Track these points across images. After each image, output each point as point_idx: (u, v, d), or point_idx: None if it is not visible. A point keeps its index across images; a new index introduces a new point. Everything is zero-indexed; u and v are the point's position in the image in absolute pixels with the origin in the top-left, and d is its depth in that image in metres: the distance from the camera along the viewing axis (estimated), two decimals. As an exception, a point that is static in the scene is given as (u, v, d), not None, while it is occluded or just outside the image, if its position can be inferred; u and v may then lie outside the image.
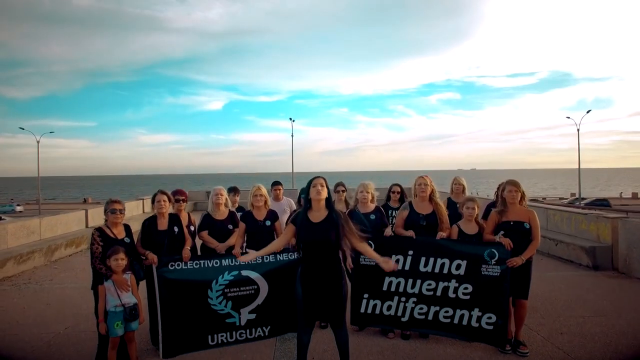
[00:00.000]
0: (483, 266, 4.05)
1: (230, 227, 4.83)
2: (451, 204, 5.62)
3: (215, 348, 4.14)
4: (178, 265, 4.11)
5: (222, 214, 4.88)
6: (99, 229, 3.83)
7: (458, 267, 4.16)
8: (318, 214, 3.38)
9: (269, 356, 4.04)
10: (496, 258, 4.01)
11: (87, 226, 10.58)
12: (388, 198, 5.89)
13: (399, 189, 5.80)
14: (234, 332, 4.25)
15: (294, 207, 6.20)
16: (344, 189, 5.83)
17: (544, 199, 67.28)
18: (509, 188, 4.13)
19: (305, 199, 3.52)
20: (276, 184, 6.17)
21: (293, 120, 44.55)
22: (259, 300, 4.31)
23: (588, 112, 43.54)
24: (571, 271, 7.17)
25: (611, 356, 3.95)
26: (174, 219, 4.34)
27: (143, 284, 4.06)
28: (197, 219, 5.07)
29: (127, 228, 4.01)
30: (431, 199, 4.55)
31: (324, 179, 3.49)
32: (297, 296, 3.38)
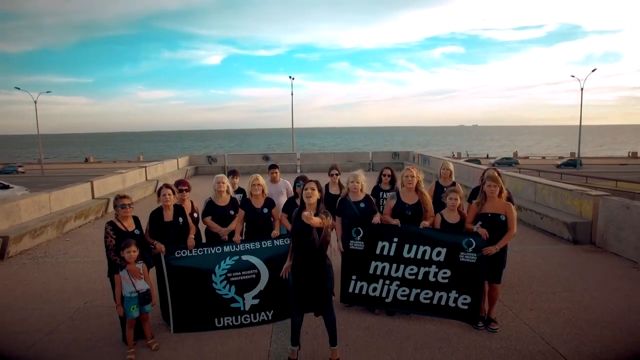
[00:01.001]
0: (461, 253, 4.46)
1: (232, 212, 5.19)
2: (438, 188, 5.97)
3: (221, 330, 4.62)
4: (184, 253, 4.52)
5: (224, 200, 5.23)
6: (111, 223, 4.19)
7: (438, 254, 4.57)
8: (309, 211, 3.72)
9: (267, 330, 4.57)
10: (473, 246, 4.40)
11: (93, 197, 11.00)
12: (379, 180, 6.20)
13: (389, 172, 6.10)
14: (239, 317, 4.67)
15: (291, 188, 6.53)
16: (337, 172, 6.13)
17: (543, 157, 67.54)
18: (488, 183, 4.45)
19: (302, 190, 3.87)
20: (273, 167, 6.46)
21: (292, 79, 43.89)
22: (261, 285, 4.73)
23: (593, 70, 42.70)
24: (553, 245, 7.63)
25: (570, 330, 4.45)
26: (179, 210, 4.69)
27: (153, 269, 4.49)
28: (198, 197, 5.41)
29: (136, 220, 4.38)
30: (417, 189, 4.89)
31: (316, 183, 3.80)
32: (289, 284, 3.82)
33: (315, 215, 3.66)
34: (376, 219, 4.93)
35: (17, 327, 4.72)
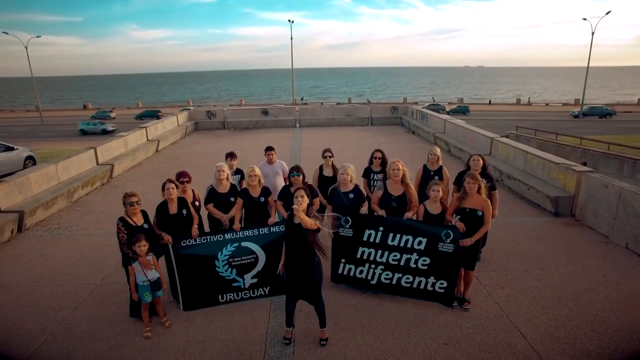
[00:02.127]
0: (440, 244, 4.91)
1: (232, 199, 5.59)
2: (426, 171, 6.31)
3: (224, 305, 5.24)
4: (189, 242, 4.99)
5: (224, 187, 5.60)
6: (122, 219, 4.60)
7: (419, 243, 5.02)
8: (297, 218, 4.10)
9: (266, 309, 5.16)
10: (451, 238, 4.84)
11: (97, 163, 11.34)
12: (370, 162, 6.53)
13: (380, 155, 6.41)
14: (239, 292, 5.28)
15: (286, 168, 6.85)
16: (331, 154, 6.43)
17: (546, 104, 66.55)
18: (468, 180, 4.78)
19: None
20: (269, 149, 6.74)
21: (292, 22, 42.22)
22: (259, 267, 5.26)
23: (607, 13, 40.81)
24: (535, 217, 8.08)
25: (533, 309, 5.03)
26: (182, 202, 5.07)
27: (163, 257, 4.99)
28: (197, 156, 5.78)
29: (144, 214, 4.79)
30: (403, 181, 5.23)
31: (305, 190, 4.13)
32: (283, 277, 4.31)
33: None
34: (364, 209, 5.33)
35: (47, 303, 5.33)
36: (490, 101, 70.28)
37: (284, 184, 6.75)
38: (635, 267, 6.03)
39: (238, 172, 6.77)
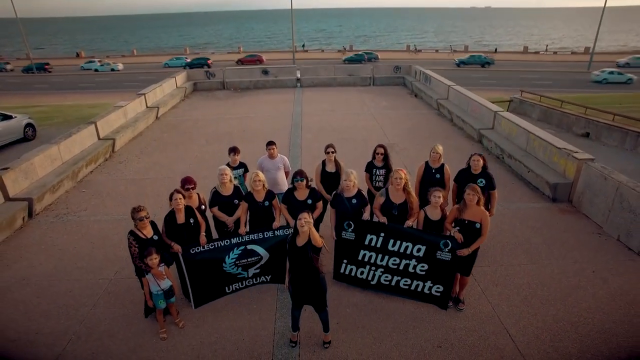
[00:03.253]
0: (438, 252, 5.12)
1: (236, 201, 5.73)
2: (427, 169, 6.37)
3: (230, 295, 5.60)
4: (198, 249, 5.20)
5: (227, 189, 5.72)
6: (132, 233, 4.76)
7: (418, 250, 5.23)
8: (301, 239, 4.27)
9: (272, 307, 5.50)
10: (449, 247, 5.04)
11: (99, 138, 11.33)
12: (373, 157, 6.58)
13: (382, 151, 6.45)
14: (244, 281, 5.68)
15: (287, 163, 6.92)
16: (333, 150, 6.47)
17: (555, 53, 64.12)
18: (468, 192, 4.88)
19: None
20: (270, 143, 6.74)
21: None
22: (262, 262, 5.58)
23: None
24: (533, 202, 8.25)
25: (523, 309, 5.36)
26: (189, 211, 5.21)
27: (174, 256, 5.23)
28: (196, 111, 5.90)
29: (153, 226, 4.94)
30: (404, 189, 5.33)
31: (308, 214, 4.25)
32: (289, 290, 4.58)
33: (307, 241, 4.24)
34: (366, 215, 5.48)
35: (66, 300, 5.67)
36: (496, 49, 67.68)
37: (284, 178, 6.88)
38: (624, 261, 6.30)
39: (241, 165, 6.83)
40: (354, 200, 5.51)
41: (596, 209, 7.33)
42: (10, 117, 14.53)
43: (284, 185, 6.84)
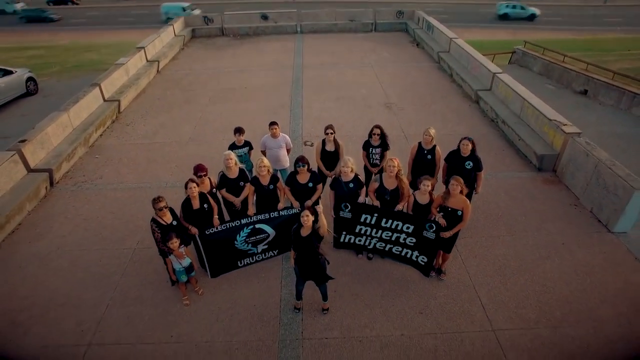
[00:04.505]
0: (424, 231, 5.81)
1: (242, 183, 6.31)
2: (420, 150, 6.85)
3: (242, 268, 6.41)
4: (212, 230, 5.89)
5: (233, 172, 6.27)
6: (154, 220, 5.41)
7: (408, 227, 5.93)
8: (305, 231, 4.93)
9: (278, 275, 6.33)
10: (433, 229, 5.72)
11: (104, 99, 11.57)
12: (370, 136, 7.04)
13: (379, 131, 6.90)
14: (254, 257, 6.45)
15: (289, 141, 7.38)
16: (332, 131, 6.90)
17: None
18: (452, 182, 5.44)
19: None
20: (273, 123, 7.13)
21: None
22: (270, 239, 6.31)
23: None
24: (520, 172, 8.77)
25: (496, 278, 6.18)
26: (203, 197, 5.80)
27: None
28: (196, 60, 6.44)
29: (172, 212, 5.57)
30: (397, 176, 5.88)
31: (310, 211, 4.85)
32: (295, 270, 5.34)
33: (313, 223, 4.89)
34: (361, 198, 6.10)
35: (98, 269, 6.49)
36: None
37: (286, 155, 7.39)
38: (591, 234, 7.02)
39: (246, 144, 7.28)
40: (351, 184, 6.08)
41: (576, 182, 7.91)
42: (10, 72, 14.53)
43: (286, 162, 7.38)
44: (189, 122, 11.30)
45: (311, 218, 4.86)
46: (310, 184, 6.19)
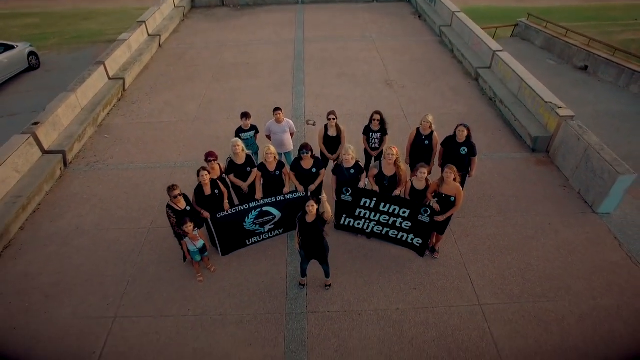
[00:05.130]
0: (419, 215, 6.26)
1: (249, 169, 6.70)
2: (418, 135, 7.18)
3: (250, 246, 6.93)
4: (223, 213, 6.34)
5: (240, 158, 6.65)
6: (169, 206, 5.84)
7: (404, 212, 6.38)
8: (310, 217, 5.37)
9: (284, 253, 6.86)
10: (428, 213, 6.17)
11: (109, 78, 11.72)
12: (370, 122, 7.37)
13: (378, 117, 7.23)
14: (261, 235, 6.96)
15: (293, 126, 7.71)
16: (334, 117, 7.22)
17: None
18: (446, 170, 5.83)
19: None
20: (277, 109, 7.43)
21: None
22: (276, 220, 6.80)
23: None
24: (514, 152, 9.10)
25: (485, 256, 6.70)
26: (214, 184, 6.21)
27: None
28: (197, 35, 6.81)
29: (186, 198, 6.00)
30: (395, 163, 6.26)
31: (314, 200, 5.27)
32: (300, 253, 5.83)
33: (317, 213, 5.33)
34: (361, 183, 6.51)
35: (117, 247, 7.00)
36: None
37: (290, 139, 7.73)
38: (577, 215, 7.48)
39: (252, 128, 7.61)
40: (352, 170, 6.47)
41: (567, 164, 8.29)
42: (12, 47, 14.51)
43: (290, 146, 7.74)
44: (194, 100, 11.52)
45: (316, 207, 5.29)
46: (314, 170, 6.58)
